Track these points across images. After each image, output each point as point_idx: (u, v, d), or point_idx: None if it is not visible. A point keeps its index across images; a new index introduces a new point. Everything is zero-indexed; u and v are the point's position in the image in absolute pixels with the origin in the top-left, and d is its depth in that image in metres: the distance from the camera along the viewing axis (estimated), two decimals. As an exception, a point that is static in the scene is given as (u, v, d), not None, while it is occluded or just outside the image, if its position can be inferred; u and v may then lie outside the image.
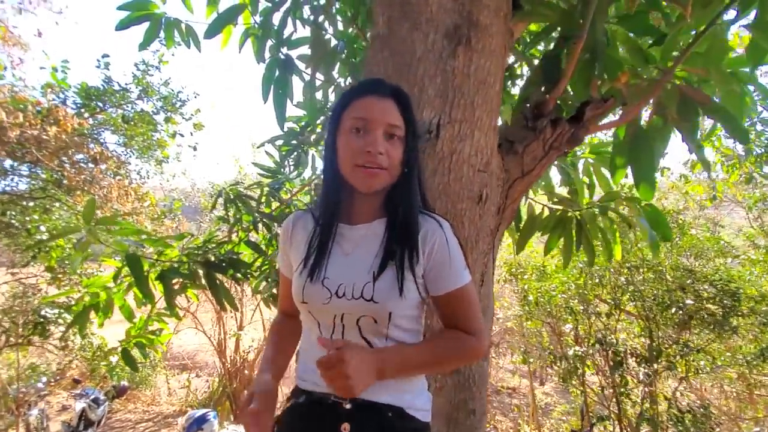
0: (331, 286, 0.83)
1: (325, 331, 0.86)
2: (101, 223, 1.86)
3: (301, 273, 0.87)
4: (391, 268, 0.82)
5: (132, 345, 2.21)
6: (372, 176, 0.81)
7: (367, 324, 0.82)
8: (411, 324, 0.87)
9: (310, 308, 0.86)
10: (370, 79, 0.89)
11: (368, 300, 0.81)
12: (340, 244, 0.88)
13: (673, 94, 1.23)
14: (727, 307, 3.49)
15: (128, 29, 1.98)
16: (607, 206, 1.76)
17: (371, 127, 0.82)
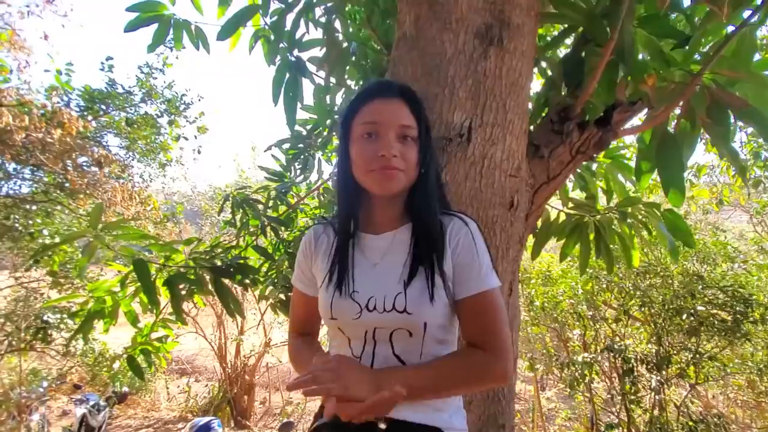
0: (360, 300, 0.80)
1: (356, 347, 0.81)
2: (107, 227, 1.82)
3: (328, 287, 0.83)
4: (421, 276, 0.78)
5: (138, 352, 2.17)
6: (388, 178, 0.78)
7: (401, 338, 0.78)
8: (446, 335, 0.82)
9: (340, 324, 0.82)
10: (377, 81, 0.87)
11: (401, 312, 0.76)
12: (366, 255, 0.84)
13: (703, 97, 1.20)
14: (739, 314, 3.44)
15: (137, 31, 1.95)
16: (627, 212, 1.72)
17: (382, 130, 0.79)
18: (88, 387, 6.42)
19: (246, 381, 7.40)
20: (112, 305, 2.01)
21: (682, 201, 1.20)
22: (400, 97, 0.82)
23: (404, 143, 0.80)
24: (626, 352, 3.83)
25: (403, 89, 0.84)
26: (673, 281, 4.12)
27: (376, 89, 0.83)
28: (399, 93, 0.82)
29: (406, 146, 0.80)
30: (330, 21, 1.84)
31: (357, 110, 0.82)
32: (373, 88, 0.84)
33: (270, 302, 2.73)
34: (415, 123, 0.81)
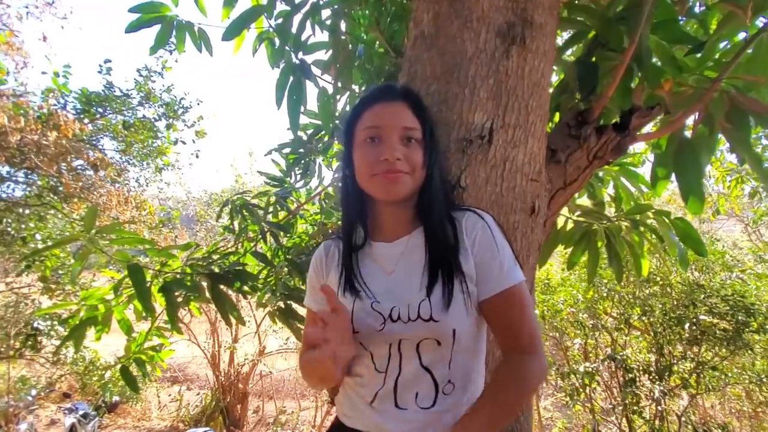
0: (383, 310, 0.75)
1: (380, 362, 0.76)
2: (102, 231, 1.76)
3: (346, 301, 0.79)
4: (443, 280, 0.74)
5: (131, 362, 2.09)
6: (393, 182, 0.76)
7: (429, 349, 0.74)
8: (476, 343, 0.78)
9: (362, 338, 0.76)
10: (377, 86, 0.86)
11: (427, 320, 0.72)
12: (380, 264, 0.81)
13: (721, 102, 1.18)
14: (741, 323, 3.42)
15: (138, 31, 1.91)
16: (639, 220, 1.69)
17: (385, 134, 0.77)
18: (78, 396, 6.28)
19: (239, 390, 7.27)
20: (105, 312, 1.94)
21: (702, 208, 1.17)
22: (402, 99, 0.80)
23: (408, 145, 0.78)
24: (627, 362, 3.80)
25: (405, 91, 0.82)
26: (672, 290, 4.11)
27: (378, 93, 0.82)
28: (401, 95, 0.81)
29: (410, 148, 0.77)
30: (337, 23, 1.81)
31: (359, 116, 0.81)
32: (375, 92, 0.83)
33: (268, 310, 2.67)
34: (419, 124, 0.79)
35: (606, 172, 2.01)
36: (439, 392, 0.74)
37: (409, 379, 0.74)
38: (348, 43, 1.82)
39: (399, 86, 0.84)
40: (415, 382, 0.74)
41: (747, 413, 5.23)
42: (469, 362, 0.77)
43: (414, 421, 0.73)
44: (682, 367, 3.88)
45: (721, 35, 1.35)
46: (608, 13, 1.34)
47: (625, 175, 1.99)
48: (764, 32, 1.18)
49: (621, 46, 1.27)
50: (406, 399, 0.74)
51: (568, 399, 4.36)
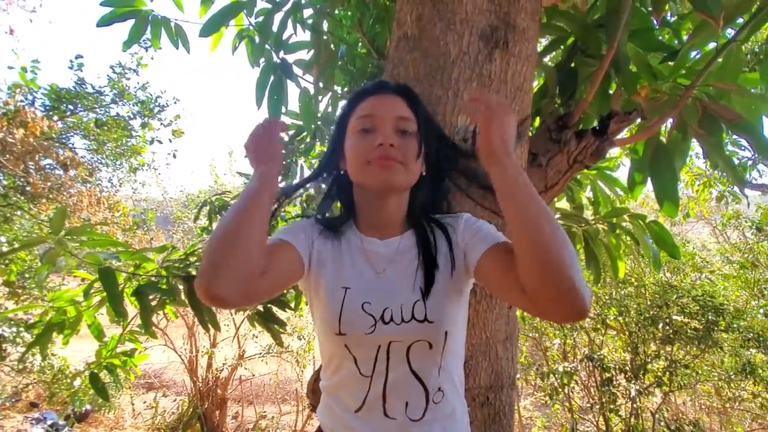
0: (374, 312, 0.72)
1: (365, 366, 0.73)
2: (71, 233, 1.68)
3: (334, 297, 0.74)
4: (438, 281, 0.74)
5: (101, 368, 2.01)
6: (387, 168, 0.73)
7: (420, 352, 0.72)
8: (461, 348, 0.79)
9: (348, 341, 0.73)
10: (371, 82, 0.85)
11: (421, 321, 0.71)
12: (371, 262, 0.77)
13: (695, 108, 1.21)
14: (710, 322, 3.55)
15: (110, 26, 1.84)
16: (615, 223, 1.73)
17: (379, 123, 0.75)
18: (46, 405, 6.00)
19: (218, 395, 7.10)
20: (75, 316, 1.85)
21: (676, 212, 1.20)
22: (398, 93, 0.80)
23: (403, 137, 0.76)
24: (604, 362, 3.89)
25: (400, 86, 0.82)
26: (646, 291, 4.24)
27: (372, 87, 0.81)
28: (395, 90, 0.80)
29: (405, 140, 0.76)
30: (319, 23, 1.79)
31: (353, 109, 0.79)
32: (369, 87, 0.82)
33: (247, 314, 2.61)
34: (414, 117, 0.78)
35: (584, 175, 2.05)
36: (429, 401, 0.72)
37: (398, 386, 0.72)
38: (330, 44, 1.80)
39: (393, 82, 0.83)
40: (404, 388, 0.72)
41: (716, 409, 5.44)
42: (456, 368, 0.77)
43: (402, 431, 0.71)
44: (655, 365, 4.00)
45: (693, 44, 1.39)
46: (587, 20, 1.37)
47: (602, 178, 2.04)
48: (734, 42, 1.22)
49: (599, 52, 1.30)
50: (395, 408, 0.72)
51: (548, 398, 4.43)
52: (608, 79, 1.36)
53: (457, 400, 0.77)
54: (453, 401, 0.75)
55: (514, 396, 1.04)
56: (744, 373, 3.60)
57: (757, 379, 3.64)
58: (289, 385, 8.27)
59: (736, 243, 5.54)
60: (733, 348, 3.88)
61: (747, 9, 1.22)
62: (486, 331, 0.91)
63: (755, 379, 3.64)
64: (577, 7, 1.46)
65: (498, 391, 0.95)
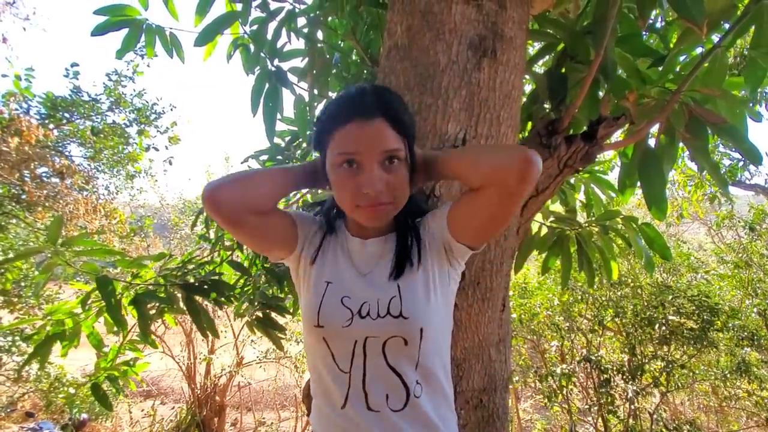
0: (352, 306, 0.74)
1: (343, 362, 0.74)
2: (68, 243, 1.69)
3: (316, 289, 0.77)
4: (414, 276, 0.76)
5: (102, 378, 2.00)
6: (377, 214, 0.73)
7: (395, 348, 0.73)
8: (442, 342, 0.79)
9: (326, 333, 0.75)
10: (350, 96, 0.73)
11: (396, 316, 0.72)
12: (355, 261, 0.80)
13: (681, 113, 1.24)
14: (706, 322, 3.58)
15: (105, 35, 1.86)
16: (608, 225, 1.75)
17: (364, 161, 0.70)
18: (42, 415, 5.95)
19: (216, 402, 7.06)
20: (73, 327, 1.85)
21: (665, 215, 1.22)
22: (380, 114, 0.70)
23: (390, 167, 0.71)
24: (602, 363, 3.90)
25: (383, 105, 0.71)
26: (642, 291, 4.26)
27: (351, 109, 0.71)
28: (378, 110, 0.70)
29: (392, 170, 0.71)
30: (313, 31, 1.81)
31: (331, 133, 0.72)
32: (347, 106, 0.72)
33: (246, 320, 2.61)
34: (401, 141, 0.72)
35: (577, 179, 2.08)
36: (410, 394, 0.73)
37: (377, 380, 0.73)
38: (324, 51, 1.82)
39: (374, 98, 0.72)
40: (383, 382, 0.73)
41: (713, 408, 5.45)
42: (435, 365, 0.77)
43: (386, 422, 0.72)
44: (653, 366, 4.02)
45: (680, 50, 1.42)
46: (576, 27, 1.39)
47: (595, 181, 2.06)
48: (718, 48, 1.25)
49: (588, 58, 1.32)
50: (377, 401, 0.73)
51: (547, 401, 4.44)
52: (597, 84, 1.38)
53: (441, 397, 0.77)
54: (436, 396, 0.76)
55: (507, 398, 1.05)
56: (739, 371, 3.62)
57: (751, 377, 3.67)
58: (288, 390, 8.23)
59: (731, 243, 5.58)
60: (728, 347, 3.91)
61: (731, 15, 1.25)
62: (478, 334, 0.93)
63: (750, 377, 3.67)
64: (568, 14, 1.49)
65: (491, 394, 0.96)
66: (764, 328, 4.02)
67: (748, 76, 1.32)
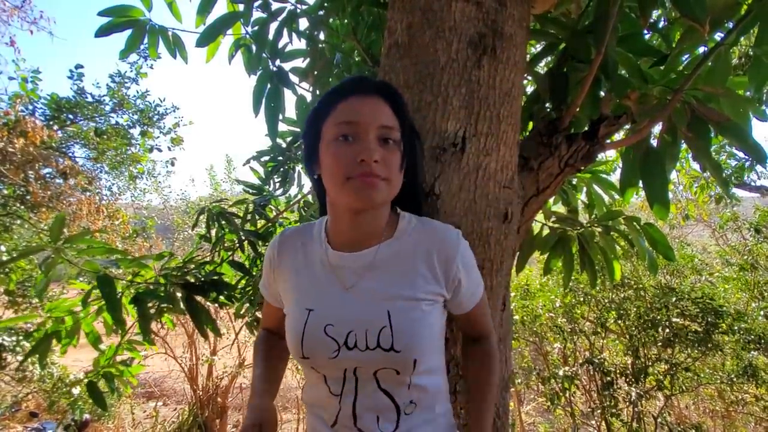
0: (337, 336, 0.68)
1: (334, 386, 0.71)
2: (70, 241, 1.69)
3: (296, 317, 0.72)
4: (409, 303, 0.69)
5: (99, 377, 2.00)
6: (370, 186, 0.66)
7: (387, 376, 0.69)
8: (436, 361, 0.76)
9: (313, 363, 0.71)
10: (350, 78, 0.75)
11: (387, 350, 0.66)
12: (338, 277, 0.73)
13: (683, 112, 1.23)
14: (711, 324, 3.54)
15: (109, 36, 1.87)
16: (611, 226, 1.74)
17: (361, 131, 0.68)
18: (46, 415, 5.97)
19: (218, 404, 7.05)
20: (72, 325, 1.86)
21: (667, 214, 1.21)
22: (379, 93, 0.71)
23: (386, 147, 0.69)
24: (605, 365, 3.87)
25: (382, 85, 0.73)
26: (646, 293, 4.23)
27: (351, 85, 0.71)
28: (378, 89, 0.71)
29: (388, 150, 0.68)
30: (314, 32, 1.81)
31: (329, 109, 0.70)
32: (348, 84, 0.72)
33: (246, 320, 2.61)
34: (397, 123, 0.71)
35: (579, 179, 2.07)
36: (401, 414, 0.70)
37: (367, 403, 0.70)
38: (325, 52, 1.82)
39: (375, 80, 0.74)
40: (374, 405, 0.70)
41: (720, 413, 5.39)
42: (430, 381, 0.74)
43: None
44: (657, 369, 3.98)
45: (682, 49, 1.41)
46: (577, 26, 1.39)
47: (597, 182, 2.05)
48: (721, 46, 1.24)
49: (589, 57, 1.31)
50: (367, 423, 0.70)
51: (549, 404, 4.41)
52: (599, 83, 1.37)
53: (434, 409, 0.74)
54: (429, 410, 0.74)
55: (508, 398, 1.04)
56: (746, 375, 3.58)
57: (759, 381, 3.62)
58: (290, 392, 8.21)
59: (735, 245, 5.54)
60: (734, 350, 3.86)
61: (734, 13, 1.24)
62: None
63: (757, 381, 3.62)
64: (570, 14, 1.48)
65: None
66: (771, 332, 3.99)
67: (753, 75, 1.31)
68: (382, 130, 0.69)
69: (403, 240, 0.74)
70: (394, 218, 0.77)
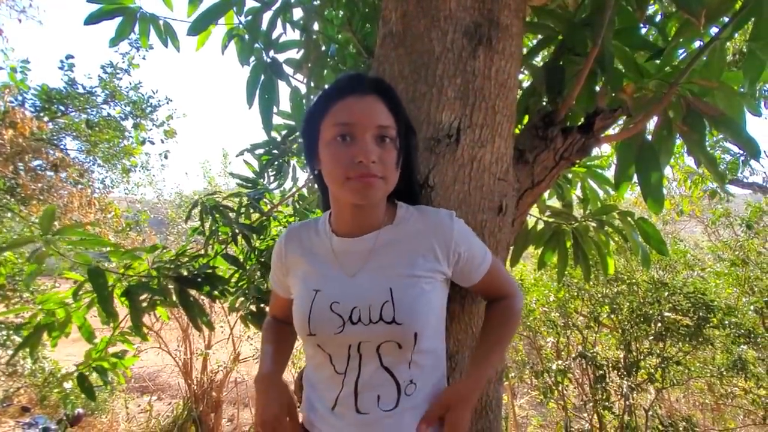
0: (342, 312, 0.73)
1: (339, 364, 0.74)
2: (60, 233, 1.67)
3: (304, 298, 0.76)
4: (411, 280, 0.73)
5: (90, 369, 1.99)
6: (368, 186, 0.71)
7: (390, 350, 0.73)
8: (436, 342, 0.78)
9: (319, 340, 0.74)
10: (347, 76, 0.77)
11: (389, 322, 0.70)
12: (342, 262, 0.78)
13: (679, 106, 1.23)
14: (702, 319, 3.58)
15: (98, 24, 1.83)
16: (605, 220, 1.74)
17: (358, 132, 0.71)
18: (38, 409, 5.94)
19: (213, 398, 7.05)
20: (64, 317, 1.84)
21: (661, 208, 1.21)
22: (375, 92, 0.74)
23: (382, 145, 0.72)
24: (597, 359, 3.91)
25: (378, 83, 0.76)
26: (639, 288, 4.27)
27: (347, 85, 0.74)
28: (373, 88, 0.74)
29: (384, 149, 0.72)
30: (309, 22, 1.79)
31: (326, 109, 0.74)
32: (344, 83, 0.75)
33: (240, 314, 2.60)
34: (393, 121, 0.74)
35: (574, 174, 2.07)
36: (401, 393, 0.73)
37: (370, 381, 0.73)
38: (320, 43, 1.80)
39: (370, 77, 0.77)
40: (376, 384, 0.73)
41: (709, 405, 5.48)
42: (430, 362, 0.76)
43: (375, 425, 0.72)
44: (648, 362, 4.03)
45: (678, 43, 1.41)
46: (575, 18, 1.38)
47: (592, 176, 2.05)
48: (717, 40, 1.23)
49: (585, 50, 1.30)
50: (367, 403, 0.73)
51: (542, 397, 4.45)
52: (595, 76, 1.37)
53: (433, 391, 0.77)
54: (429, 392, 0.76)
55: (501, 391, 1.04)
56: (735, 369, 3.64)
57: (748, 375, 3.68)
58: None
59: (727, 241, 5.59)
60: (724, 345, 3.91)
61: (730, 7, 1.23)
62: (472, 325, 0.92)
63: (746, 375, 3.68)
64: (567, 5, 1.47)
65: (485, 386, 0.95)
66: (761, 326, 4.04)
67: (747, 69, 1.31)
68: (379, 129, 0.72)
69: (401, 226, 0.79)
70: (393, 208, 0.82)
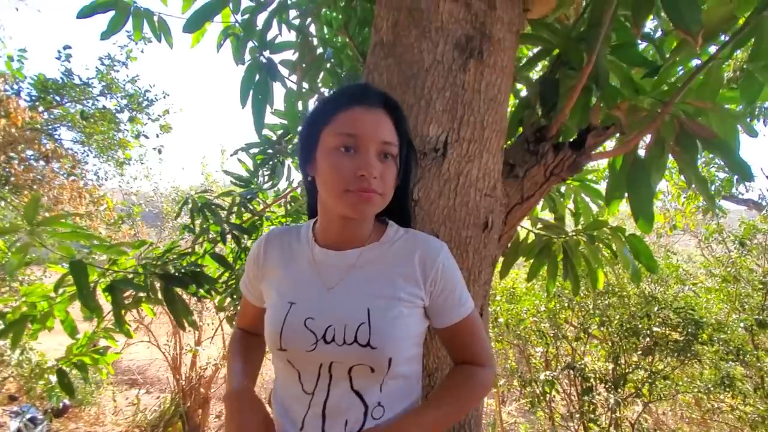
0: (316, 329, 0.70)
1: (308, 383, 0.71)
2: (45, 223, 1.64)
3: (277, 311, 0.73)
4: (389, 303, 0.71)
5: (70, 364, 1.96)
6: (366, 201, 0.69)
7: (362, 374, 0.70)
8: (411, 367, 0.76)
9: (290, 356, 0.72)
10: (354, 85, 0.76)
11: (364, 345, 0.68)
12: (322, 276, 0.75)
13: (672, 125, 1.21)
14: (690, 335, 3.58)
15: (91, 17, 1.81)
16: (595, 235, 1.73)
17: (362, 145, 0.69)
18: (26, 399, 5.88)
19: (201, 394, 7.01)
20: (45, 310, 1.81)
21: (651, 227, 1.20)
22: (383, 107, 0.73)
23: (385, 163, 0.71)
24: (585, 371, 3.90)
25: (386, 98, 0.74)
26: (629, 301, 4.26)
27: (356, 94, 0.72)
28: (381, 102, 0.73)
29: (386, 166, 0.71)
30: (305, 24, 1.77)
31: (331, 116, 0.71)
32: (352, 92, 0.73)
33: (227, 314, 2.58)
34: (397, 139, 0.73)
35: (567, 187, 2.06)
36: (367, 416, 0.71)
37: (338, 405, 0.70)
38: (315, 45, 1.78)
39: (379, 91, 0.75)
40: (344, 408, 0.70)
41: (696, 420, 5.48)
42: (402, 387, 0.74)
43: None
44: (636, 376, 4.03)
45: (675, 61, 1.40)
46: (572, 33, 1.37)
47: (584, 190, 2.04)
48: (714, 60, 1.22)
49: (581, 64, 1.29)
50: (334, 428, 0.70)
51: (530, 406, 4.44)
52: (590, 92, 1.36)
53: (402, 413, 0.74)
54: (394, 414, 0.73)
55: (481, 409, 1.02)
56: (723, 385, 3.64)
57: (735, 392, 3.68)
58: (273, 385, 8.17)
59: (720, 257, 5.61)
60: (713, 361, 3.92)
61: (729, 27, 1.22)
62: (452, 343, 0.90)
63: (734, 392, 3.68)
64: (567, 19, 1.46)
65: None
66: (750, 344, 4.04)
67: (744, 90, 1.30)
68: (383, 145, 0.71)
69: (388, 245, 0.76)
70: (381, 226, 0.80)
